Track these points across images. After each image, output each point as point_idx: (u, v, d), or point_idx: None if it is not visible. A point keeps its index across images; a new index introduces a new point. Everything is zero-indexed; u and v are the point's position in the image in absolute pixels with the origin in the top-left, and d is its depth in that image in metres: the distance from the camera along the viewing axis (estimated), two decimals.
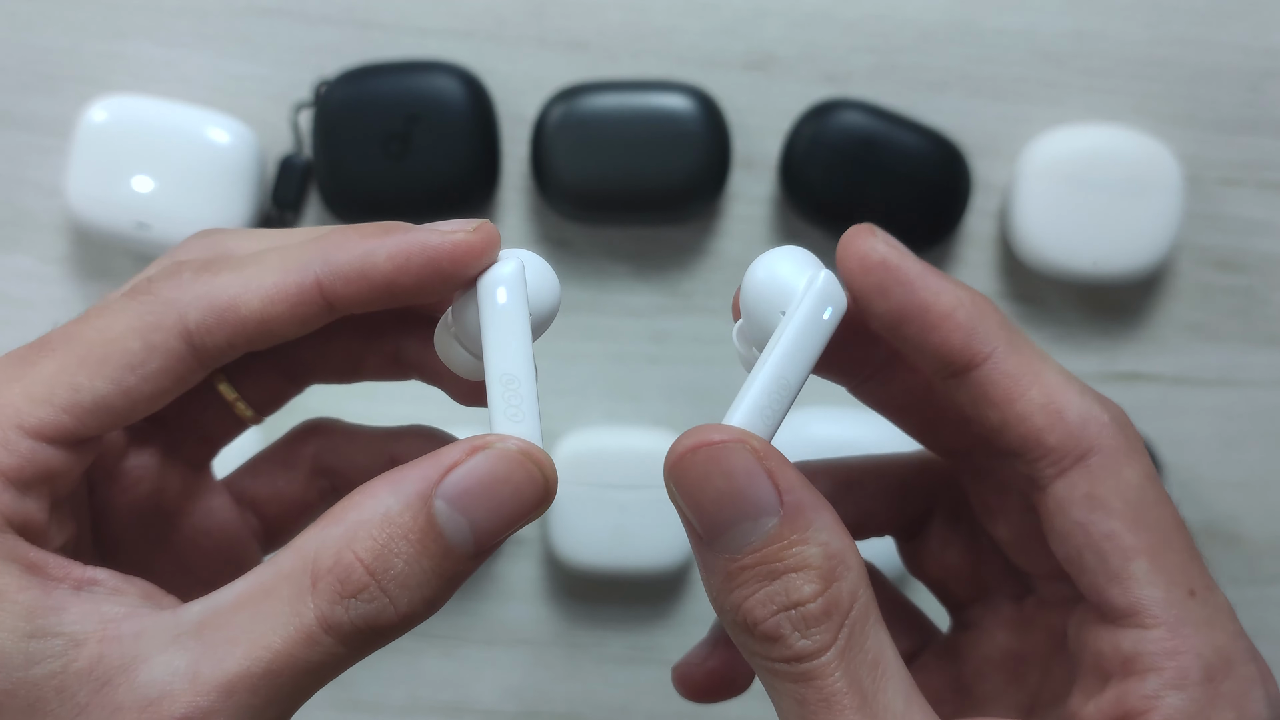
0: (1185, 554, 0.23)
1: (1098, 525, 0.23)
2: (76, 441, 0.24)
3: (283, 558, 0.23)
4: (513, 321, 0.24)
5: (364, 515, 0.22)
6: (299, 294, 0.24)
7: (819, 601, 0.22)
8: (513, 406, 0.23)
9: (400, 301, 0.25)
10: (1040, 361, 0.24)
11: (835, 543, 0.22)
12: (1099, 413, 0.23)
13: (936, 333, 0.23)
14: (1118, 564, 0.23)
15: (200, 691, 0.21)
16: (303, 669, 0.22)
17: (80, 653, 0.22)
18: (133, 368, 0.24)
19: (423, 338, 0.27)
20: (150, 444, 0.28)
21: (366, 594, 0.22)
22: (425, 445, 0.29)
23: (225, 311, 0.24)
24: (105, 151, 0.47)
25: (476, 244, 0.24)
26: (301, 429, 0.31)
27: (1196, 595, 0.23)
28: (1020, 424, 0.23)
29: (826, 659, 0.22)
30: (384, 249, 0.24)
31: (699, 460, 0.22)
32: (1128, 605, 0.23)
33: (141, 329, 0.24)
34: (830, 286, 0.24)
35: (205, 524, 0.29)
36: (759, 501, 0.22)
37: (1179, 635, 0.22)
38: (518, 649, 0.52)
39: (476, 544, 0.23)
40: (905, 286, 0.23)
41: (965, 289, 0.24)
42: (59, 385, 0.23)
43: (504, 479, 0.23)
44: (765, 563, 0.22)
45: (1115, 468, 0.23)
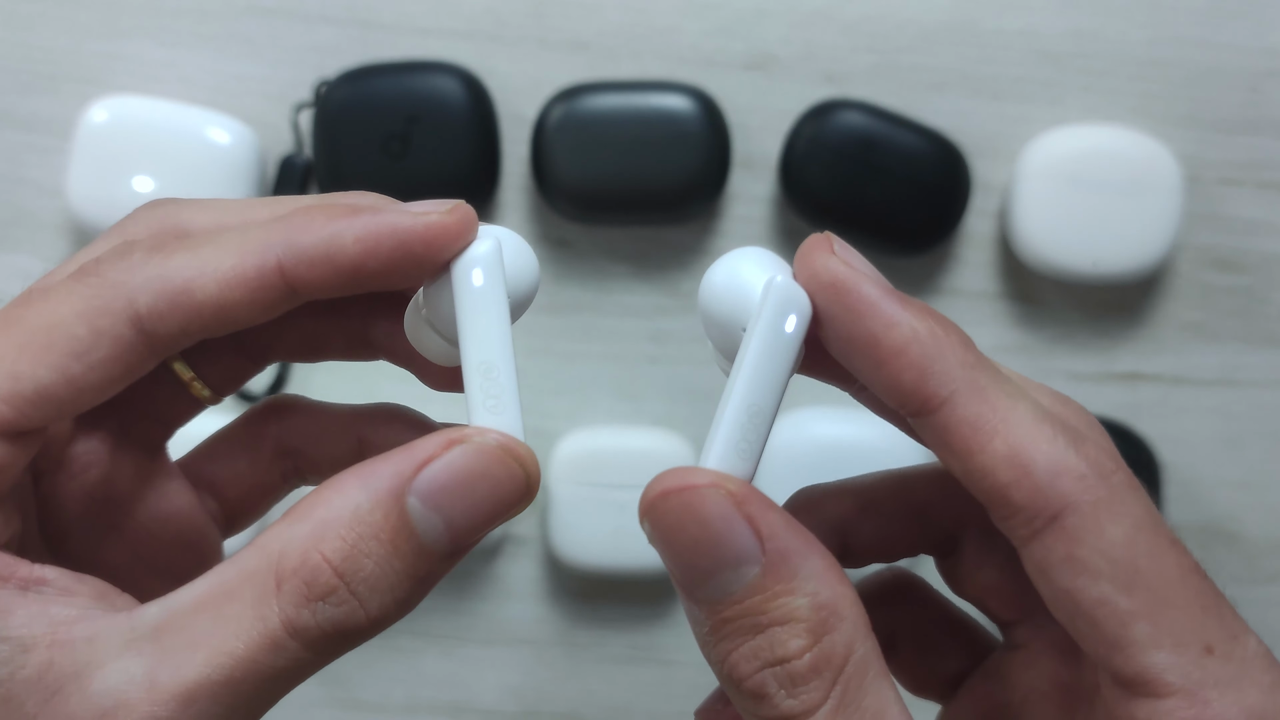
0: (1196, 607, 0.21)
1: (1085, 591, 0.20)
2: (17, 434, 0.22)
3: (246, 556, 0.21)
4: (490, 306, 0.22)
5: (332, 513, 0.21)
6: (259, 278, 0.22)
7: (807, 658, 0.20)
8: (492, 397, 0.22)
9: (369, 287, 0.23)
10: (1008, 404, 0.21)
11: (825, 592, 0.21)
12: (1073, 462, 0.21)
13: (886, 369, 0.21)
14: (1115, 631, 0.20)
15: (158, 700, 0.20)
16: (267, 675, 0.21)
17: (28, 659, 0.20)
18: (78, 355, 0.22)
19: (392, 318, 0.26)
20: (99, 428, 0.26)
21: (335, 597, 0.21)
22: (395, 427, 0.28)
23: (178, 296, 0.22)
24: (105, 151, 0.47)
25: (451, 226, 0.22)
26: (263, 407, 0.28)
27: (1215, 651, 0.20)
28: (983, 479, 0.21)
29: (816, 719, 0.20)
30: (351, 230, 0.22)
31: (672, 507, 0.21)
32: (1135, 674, 0.20)
33: (87, 314, 0.22)
34: (788, 293, 0.21)
35: (161, 510, 0.27)
36: (738, 549, 0.20)
37: (1199, 702, 0.20)
38: (518, 649, 0.52)
39: (452, 543, 0.21)
40: (854, 314, 0.21)
41: (927, 319, 0.21)
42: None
43: (482, 475, 0.21)
44: (748, 615, 0.20)
45: (1096, 526, 0.20)
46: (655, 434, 0.49)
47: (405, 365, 0.26)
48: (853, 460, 0.33)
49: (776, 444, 0.49)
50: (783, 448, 0.49)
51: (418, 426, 0.27)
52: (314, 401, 0.28)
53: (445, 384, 0.26)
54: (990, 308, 0.51)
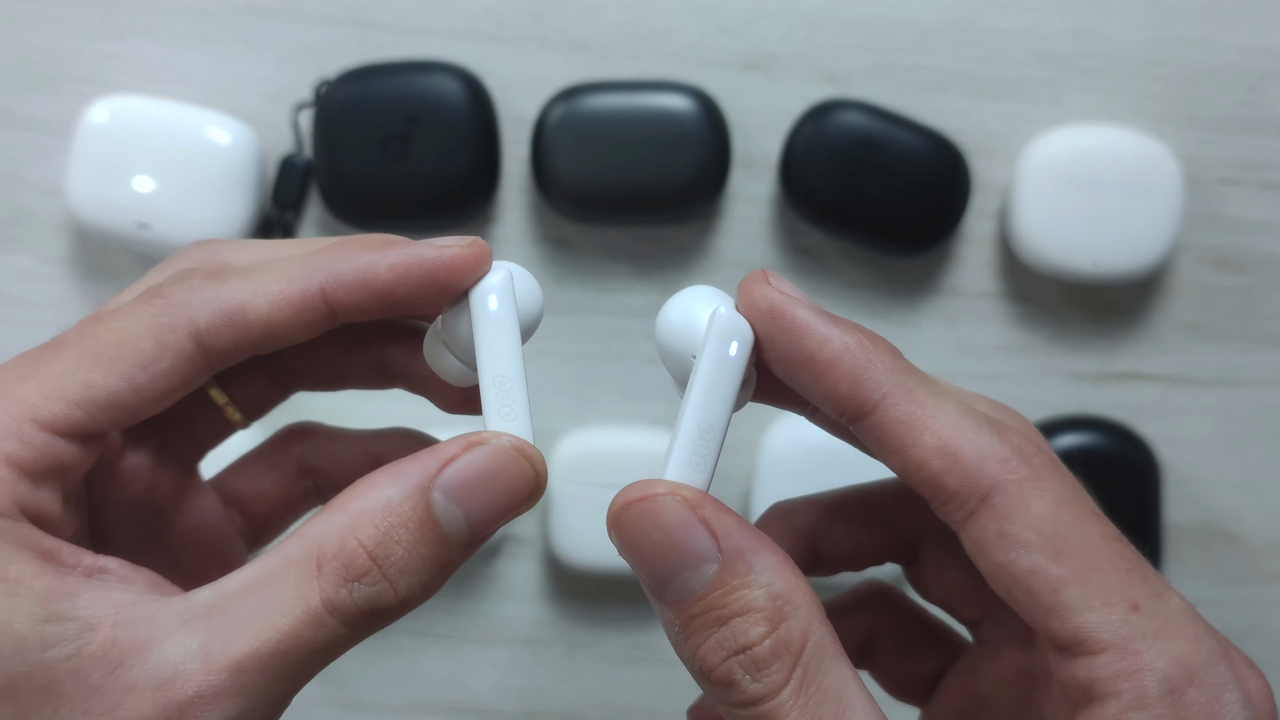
0: (1120, 569, 0.23)
1: (1018, 563, 0.23)
2: (88, 436, 0.25)
3: (289, 545, 0.24)
4: (504, 327, 0.25)
5: (367, 505, 0.23)
6: (304, 300, 0.25)
7: (767, 643, 0.22)
8: (505, 406, 0.25)
9: (398, 311, 0.26)
10: (934, 403, 0.23)
11: (779, 583, 0.23)
12: (997, 447, 0.23)
13: (824, 381, 0.23)
14: (1048, 597, 0.23)
15: (211, 671, 0.22)
16: (308, 649, 0.23)
17: (94, 636, 0.22)
18: (144, 366, 0.24)
19: (408, 347, 0.29)
20: (144, 444, 0.29)
21: (369, 578, 0.23)
22: (407, 446, 0.31)
23: (234, 315, 0.25)
24: (106, 151, 0.48)
25: (471, 258, 0.25)
26: (287, 431, 0.32)
27: (1141, 608, 0.22)
28: (918, 471, 0.23)
29: (780, 700, 0.22)
30: (385, 260, 0.25)
31: (634, 516, 0.23)
32: (1070, 635, 0.22)
33: (154, 329, 0.25)
34: (730, 322, 0.24)
35: (194, 522, 0.30)
36: (696, 550, 0.23)
37: (1129, 654, 0.22)
38: (518, 649, 0.52)
39: (470, 533, 0.24)
40: (791, 335, 0.24)
41: (856, 334, 0.24)
42: (73, 381, 0.24)
43: (498, 473, 0.24)
44: (711, 609, 0.23)
45: (1022, 501, 0.23)
46: (655, 434, 0.50)
47: (419, 390, 0.29)
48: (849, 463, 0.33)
49: (774, 448, 0.49)
50: (783, 449, 0.49)
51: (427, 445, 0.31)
52: (332, 426, 0.32)
53: (456, 406, 0.29)
54: (990, 308, 0.51)
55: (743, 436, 0.50)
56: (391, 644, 0.51)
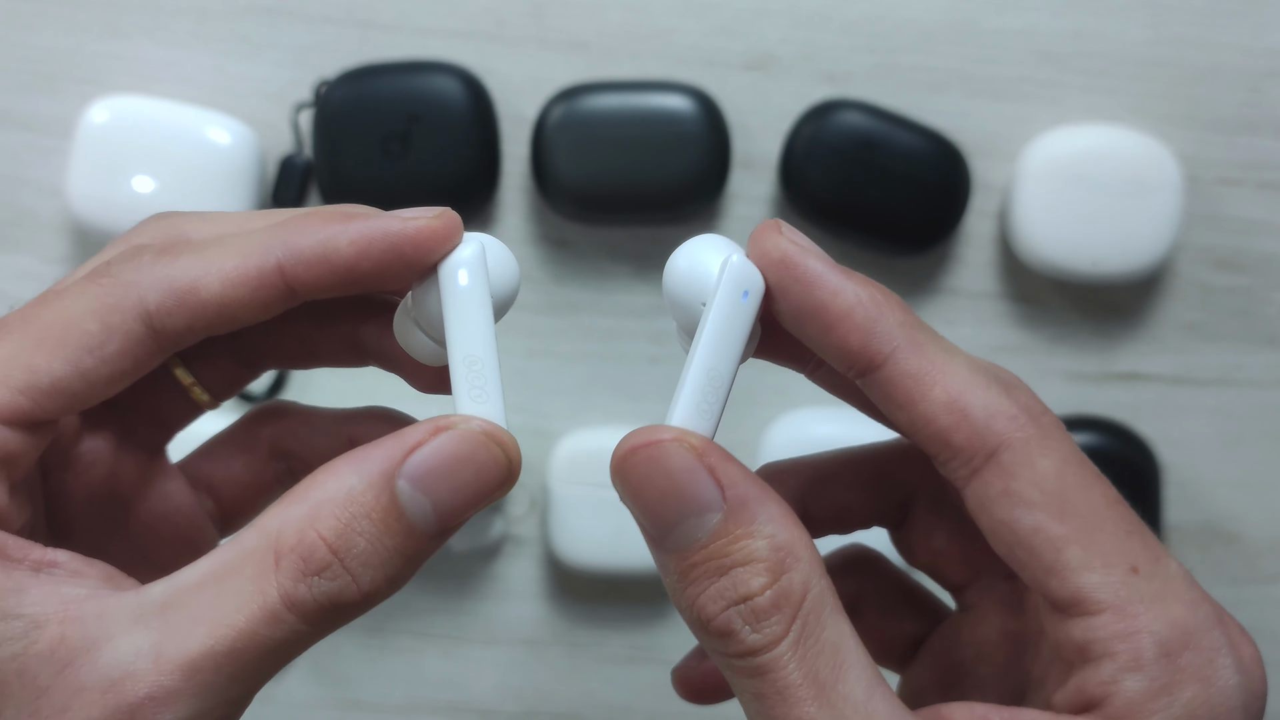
0: (1121, 532, 0.23)
1: (1021, 521, 0.23)
2: (33, 424, 0.23)
3: (246, 536, 0.22)
4: (475, 303, 0.24)
5: (327, 494, 0.22)
6: (260, 278, 0.24)
7: (768, 594, 0.22)
8: (476, 388, 0.23)
9: (362, 287, 0.25)
10: (944, 358, 0.23)
11: (782, 534, 0.22)
12: (1005, 405, 0.23)
13: (835, 333, 0.23)
14: (1050, 556, 0.22)
15: (164, 671, 0.21)
16: (266, 647, 0.22)
17: (41, 634, 0.22)
18: (90, 350, 0.23)
19: (381, 323, 0.27)
20: (104, 428, 0.28)
21: (329, 572, 0.22)
22: (383, 427, 0.29)
23: (185, 294, 0.24)
24: (106, 151, 0.48)
25: (439, 230, 0.24)
26: (257, 412, 0.30)
27: (1141, 571, 0.22)
28: (926, 425, 0.23)
29: (779, 651, 0.22)
30: (346, 234, 0.24)
31: (640, 461, 0.22)
32: (1069, 595, 0.22)
33: (100, 311, 0.23)
34: (743, 269, 0.23)
35: (161, 508, 0.29)
36: (701, 498, 0.22)
37: (1127, 616, 0.22)
38: (518, 649, 0.52)
39: (439, 523, 0.23)
40: (803, 285, 0.23)
41: (868, 287, 0.23)
42: (15, 367, 0.23)
43: (467, 459, 0.23)
44: (713, 558, 0.22)
45: (1029, 459, 0.23)
46: None
47: (393, 369, 0.28)
48: None
49: (776, 444, 0.49)
50: (782, 448, 0.49)
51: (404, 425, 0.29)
52: (306, 406, 0.30)
53: (432, 386, 0.28)
54: (990, 308, 0.51)
55: (743, 437, 0.50)
56: (391, 644, 0.51)
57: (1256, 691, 0.23)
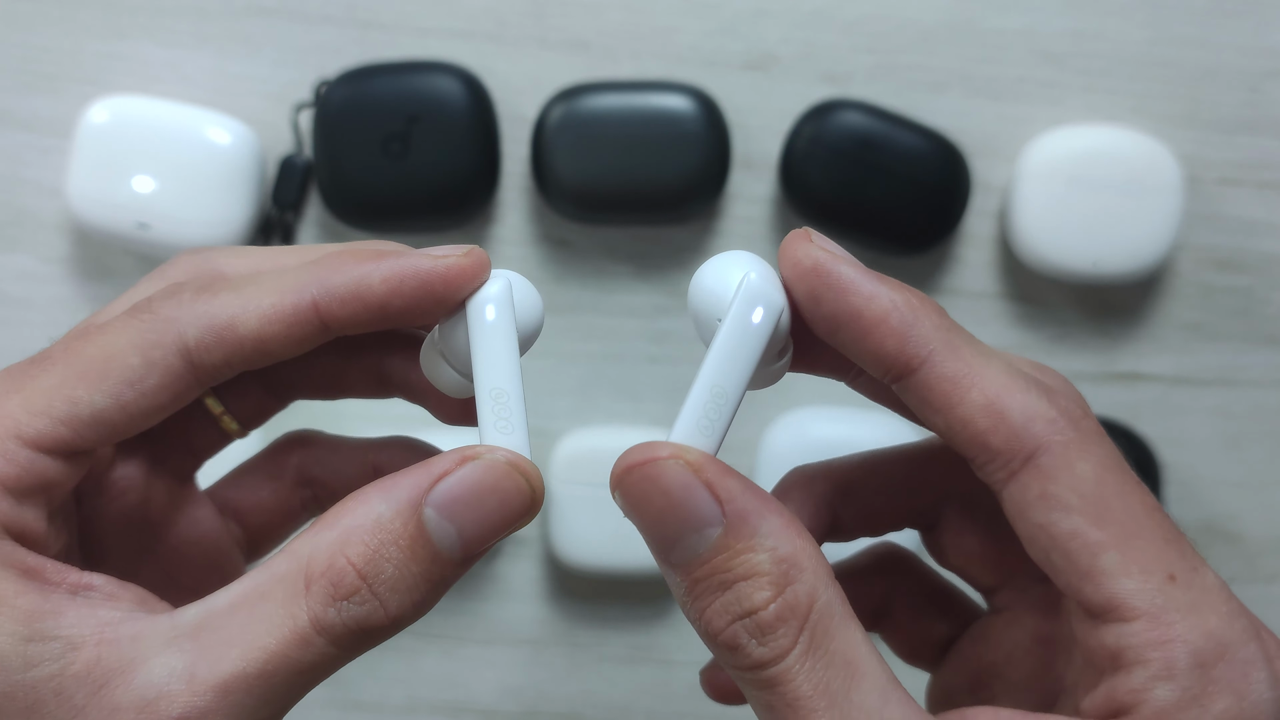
0: (1160, 540, 0.23)
1: (1058, 525, 0.23)
2: (73, 453, 0.24)
3: (277, 562, 0.23)
4: (501, 338, 0.24)
5: (356, 521, 0.23)
6: (295, 314, 0.25)
7: (772, 608, 0.22)
8: (502, 419, 0.24)
9: (393, 323, 0.25)
10: (982, 361, 0.23)
11: (784, 546, 0.22)
12: (1044, 408, 0.23)
13: (870, 338, 0.23)
14: (1086, 561, 0.22)
15: (197, 692, 0.22)
16: (296, 669, 0.22)
17: (78, 655, 0.22)
18: (131, 383, 0.24)
19: (407, 356, 0.28)
20: (137, 456, 0.28)
21: (358, 597, 0.23)
22: (407, 456, 0.30)
23: (224, 330, 0.24)
24: (106, 151, 0.47)
25: (468, 268, 0.25)
26: (284, 440, 0.31)
27: (1178, 580, 0.22)
28: (964, 428, 0.23)
29: (787, 664, 0.22)
30: (379, 272, 0.25)
31: (636, 479, 0.23)
32: (1104, 601, 0.22)
33: (141, 345, 0.24)
34: (759, 287, 0.23)
35: (190, 534, 0.30)
36: (700, 513, 0.22)
37: (1162, 624, 0.22)
38: (518, 649, 0.52)
39: (464, 550, 0.23)
40: (837, 292, 0.23)
41: (903, 292, 0.23)
42: (58, 398, 0.24)
43: (492, 489, 0.23)
44: (716, 573, 0.22)
45: (1067, 463, 0.23)
46: (655, 434, 0.49)
47: (418, 401, 0.29)
48: None
49: (776, 444, 0.49)
50: (783, 448, 0.49)
51: (427, 454, 0.30)
52: (331, 435, 0.31)
53: (455, 417, 0.28)
54: (990, 308, 0.51)
55: (743, 437, 0.50)
56: (391, 644, 0.51)
57: None
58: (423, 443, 0.30)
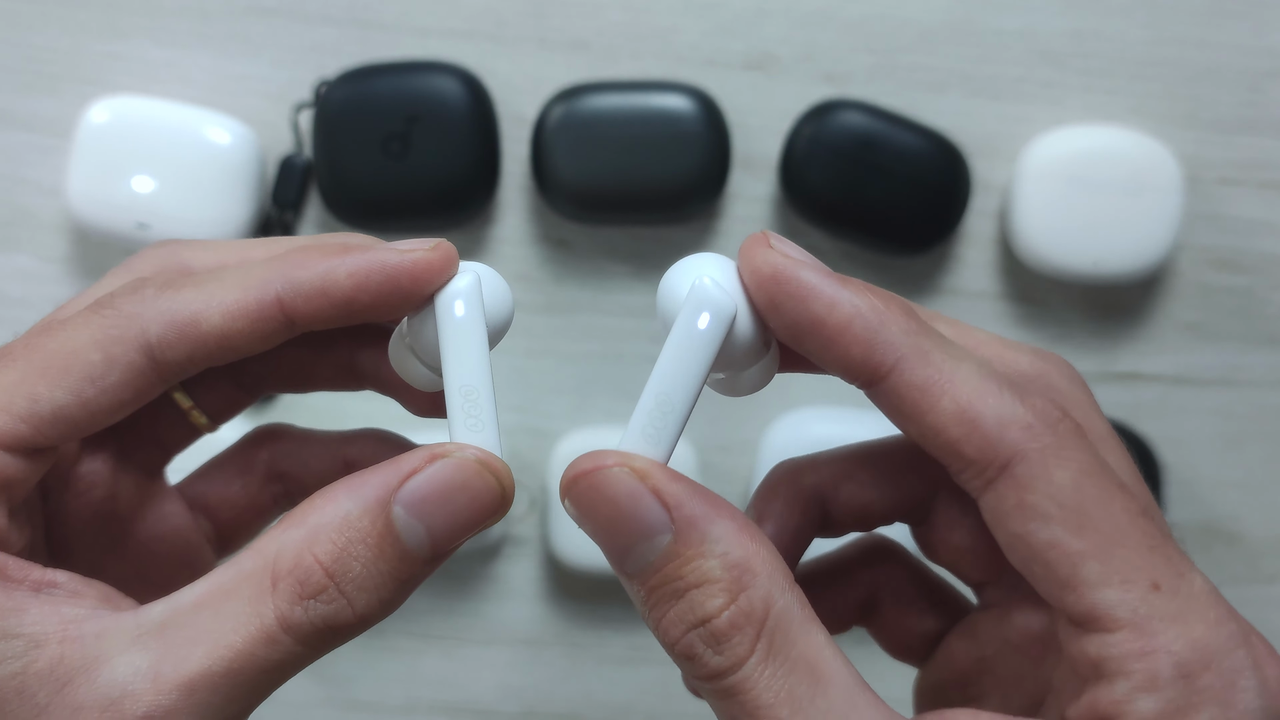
0: (1143, 547, 0.22)
1: (1036, 535, 0.22)
2: (33, 450, 0.24)
3: (243, 559, 0.23)
4: (471, 334, 0.24)
5: (324, 519, 0.23)
6: (259, 311, 0.24)
7: (725, 615, 0.21)
8: (472, 417, 0.24)
9: (360, 318, 0.25)
10: (952, 366, 0.22)
11: (736, 551, 0.22)
12: (1019, 413, 0.22)
13: (835, 347, 0.23)
14: (1067, 572, 0.22)
15: (162, 690, 0.22)
16: (262, 667, 0.22)
17: (40, 654, 0.22)
18: (92, 380, 0.24)
19: (377, 349, 0.28)
20: (103, 450, 0.28)
21: (325, 595, 0.22)
22: (379, 448, 0.30)
23: (186, 327, 0.24)
24: (105, 151, 0.48)
25: (435, 262, 0.24)
26: (255, 434, 0.31)
27: (1163, 588, 0.22)
28: (936, 437, 0.22)
29: (745, 672, 0.21)
30: (344, 267, 0.24)
31: (583, 489, 0.22)
32: (1085, 611, 0.22)
33: (103, 342, 0.24)
34: (706, 293, 0.23)
35: (159, 529, 0.29)
36: (648, 521, 0.22)
37: (1145, 635, 0.21)
38: (518, 649, 0.52)
39: (433, 549, 0.23)
40: (797, 300, 0.23)
41: (866, 296, 0.23)
42: (18, 395, 0.23)
43: (461, 487, 0.23)
44: (668, 581, 0.22)
45: (1044, 471, 0.22)
46: None
47: (389, 393, 0.28)
48: None
49: (776, 444, 0.49)
50: (783, 448, 0.48)
51: (399, 447, 0.30)
52: (302, 429, 0.31)
53: (426, 410, 0.28)
54: (990, 308, 0.51)
55: (743, 436, 0.50)
56: (391, 644, 0.51)
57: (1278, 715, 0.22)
58: (395, 435, 0.30)
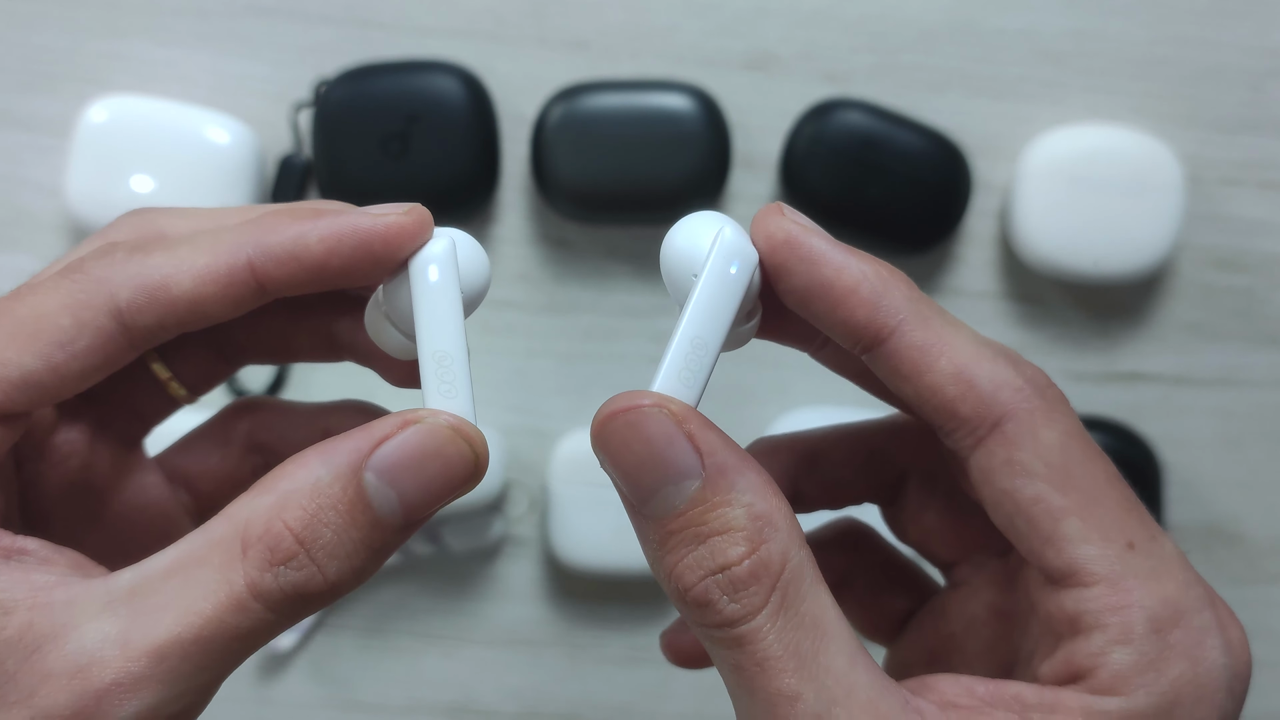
0: (1120, 507, 0.23)
1: (1022, 490, 0.23)
2: (3, 417, 0.24)
3: (214, 525, 0.23)
4: (445, 299, 0.24)
5: (295, 485, 0.22)
6: (230, 275, 0.24)
7: (746, 564, 0.22)
8: (445, 383, 0.23)
9: (332, 284, 0.25)
10: (951, 331, 0.23)
11: (760, 504, 0.22)
12: (1011, 377, 0.23)
13: (841, 308, 0.23)
14: (1048, 527, 0.23)
15: (131, 657, 0.21)
16: (233, 635, 0.22)
17: (9, 620, 0.22)
18: (62, 345, 0.24)
19: (355, 318, 0.27)
20: (80, 420, 0.28)
21: (295, 562, 0.22)
22: (359, 420, 0.29)
23: (156, 291, 0.24)
24: (105, 151, 0.47)
25: (409, 226, 0.24)
26: (235, 406, 0.30)
27: (1137, 547, 0.23)
28: (932, 396, 0.23)
29: (758, 623, 0.22)
30: (316, 231, 0.24)
31: (618, 426, 0.22)
32: (1064, 566, 0.23)
33: (72, 306, 0.24)
34: (735, 241, 0.23)
35: (137, 500, 0.29)
36: (679, 465, 0.22)
37: (1120, 590, 0.22)
38: (518, 649, 0.52)
39: (405, 516, 0.23)
40: (808, 264, 0.23)
41: (873, 264, 0.24)
42: None
43: (434, 454, 0.23)
44: (690, 526, 0.22)
45: (1032, 430, 0.23)
46: None
47: (368, 363, 0.28)
48: None
49: None
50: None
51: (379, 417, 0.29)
52: (282, 400, 0.31)
53: (405, 380, 0.28)
54: (990, 308, 0.51)
55: (743, 436, 0.50)
56: (391, 644, 0.51)
57: (1241, 674, 0.23)
58: (375, 406, 0.30)
